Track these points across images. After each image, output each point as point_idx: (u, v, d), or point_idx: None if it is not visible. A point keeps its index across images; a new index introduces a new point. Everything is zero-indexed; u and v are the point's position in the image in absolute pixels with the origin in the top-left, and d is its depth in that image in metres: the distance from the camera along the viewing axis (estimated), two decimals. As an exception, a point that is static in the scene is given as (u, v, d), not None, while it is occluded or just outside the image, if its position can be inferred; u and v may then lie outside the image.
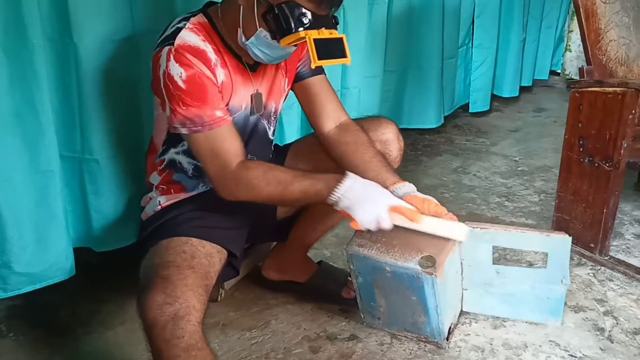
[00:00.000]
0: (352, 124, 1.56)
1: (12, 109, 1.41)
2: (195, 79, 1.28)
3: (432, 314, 1.47)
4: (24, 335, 1.62)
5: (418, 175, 2.67)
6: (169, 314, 1.15)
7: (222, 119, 1.32)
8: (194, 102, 1.29)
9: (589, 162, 1.90)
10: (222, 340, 1.59)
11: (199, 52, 1.30)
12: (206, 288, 1.27)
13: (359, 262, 1.51)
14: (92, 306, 1.72)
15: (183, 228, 1.37)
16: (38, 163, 1.49)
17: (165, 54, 1.28)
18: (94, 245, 1.75)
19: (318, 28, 1.24)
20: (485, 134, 3.27)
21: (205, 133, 1.31)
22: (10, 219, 1.47)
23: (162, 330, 1.14)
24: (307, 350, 1.55)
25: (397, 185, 1.43)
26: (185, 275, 1.24)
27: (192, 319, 1.17)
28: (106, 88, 1.61)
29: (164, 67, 1.28)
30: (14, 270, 1.52)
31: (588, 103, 1.86)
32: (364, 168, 1.46)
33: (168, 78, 1.28)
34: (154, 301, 1.16)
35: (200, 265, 1.30)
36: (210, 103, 1.31)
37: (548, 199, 2.41)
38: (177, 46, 1.28)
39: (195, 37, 1.31)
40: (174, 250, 1.31)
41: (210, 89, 1.31)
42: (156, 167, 1.50)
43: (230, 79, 1.37)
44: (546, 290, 1.58)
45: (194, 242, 1.35)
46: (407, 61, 2.81)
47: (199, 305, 1.20)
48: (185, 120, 1.30)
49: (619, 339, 1.59)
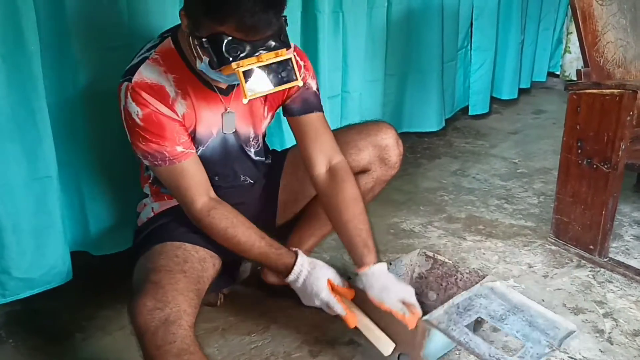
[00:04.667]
0: (341, 170, 1.49)
1: (10, 115, 1.42)
2: (151, 117, 1.28)
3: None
4: (23, 341, 1.62)
5: (417, 178, 2.67)
6: (159, 319, 1.15)
7: (183, 153, 1.32)
8: (153, 138, 1.29)
9: (587, 164, 1.90)
10: (221, 344, 1.59)
11: (156, 89, 1.29)
12: (198, 292, 1.27)
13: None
14: (91, 311, 1.72)
15: (176, 233, 1.38)
16: (36, 169, 1.49)
17: (124, 90, 1.28)
18: (92, 249, 1.76)
19: (256, 54, 1.17)
20: (485, 137, 3.27)
21: (166, 167, 1.31)
22: (8, 224, 1.47)
23: (153, 336, 1.14)
24: (306, 354, 1.55)
25: (360, 272, 1.41)
26: (176, 279, 1.23)
27: (184, 323, 1.17)
28: (103, 94, 1.61)
29: (124, 103, 1.29)
30: (12, 275, 1.52)
31: (586, 105, 1.87)
32: (340, 231, 1.48)
33: (127, 114, 1.29)
34: (144, 306, 1.16)
35: (192, 269, 1.30)
36: (170, 139, 1.30)
37: (547, 201, 2.41)
38: (134, 83, 1.27)
39: (156, 70, 1.30)
40: (166, 255, 1.31)
41: (169, 125, 1.30)
42: (146, 179, 1.51)
43: (192, 109, 1.35)
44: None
45: (187, 247, 1.35)
46: (407, 64, 2.81)
47: (190, 309, 1.20)
48: (146, 154, 1.30)
49: (618, 341, 1.59)
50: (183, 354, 1.14)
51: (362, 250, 1.42)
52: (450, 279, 1.62)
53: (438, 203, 2.44)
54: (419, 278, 1.69)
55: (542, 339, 1.32)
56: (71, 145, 1.62)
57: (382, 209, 2.28)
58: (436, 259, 1.65)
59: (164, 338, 1.14)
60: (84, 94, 1.59)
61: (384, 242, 2.08)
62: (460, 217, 2.31)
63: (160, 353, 1.13)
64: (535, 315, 1.41)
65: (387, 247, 2.06)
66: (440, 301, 1.61)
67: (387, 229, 2.20)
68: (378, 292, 1.38)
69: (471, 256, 2.02)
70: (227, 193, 1.44)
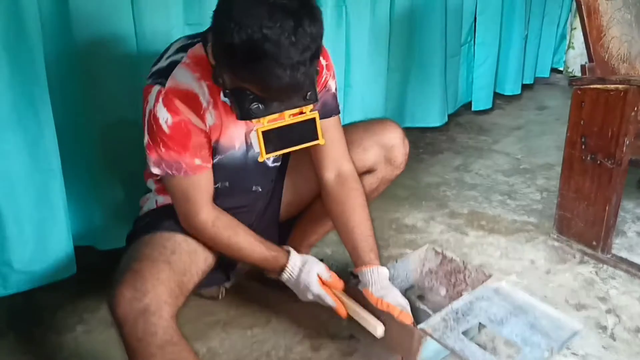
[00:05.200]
0: (350, 178, 1.49)
1: (12, 107, 1.41)
2: (180, 126, 1.24)
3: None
4: (25, 333, 1.62)
5: (420, 174, 2.67)
6: (138, 309, 1.12)
7: (200, 167, 1.30)
8: (175, 147, 1.25)
9: (591, 160, 1.89)
10: (222, 338, 1.59)
11: (191, 97, 1.25)
12: (181, 284, 1.24)
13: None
14: (93, 304, 1.72)
15: (169, 223, 1.36)
16: (38, 161, 1.48)
17: (154, 94, 1.23)
18: (97, 244, 1.75)
19: (279, 110, 1.16)
20: (487, 132, 3.26)
21: (179, 177, 1.29)
22: (10, 217, 1.47)
23: (133, 327, 1.11)
24: (307, 349, 1.55)
25: (365, 269, 1.42)
26: (159, 269, 1.21)
27: (164, 314, 1.14)
28: (107, 86, 1.60)
29: (151, 107, 1.24)
30: (14, 268, 1.52)
31: (590, 100, 1.85)
32: (345, 237, 1.49)
33: (153, 119, 1.24)
34: (122, 296, 1.13)
35: (179, 261, 1.28)
36: (192, 150, 1.27)
37: (550, 197, 2.40)
38: (167, 89, 1.22)
39: (190, 76, 1.25)
40: (152, 245, 1.29)
41: (195, 137, 1.27)
42: (152, 175, 1.48)
43: (220, 119, 1.31)
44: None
45: (178, 238, 1.33)
46: (410, 59, 2.79)
47: (171, 300, 1.17)
48: (161, 161, 1.27)
49: (621, 337, 1.58)
50: (167, 345, 1.12)
51: (369, 254, 1.44)
52: (459, 275, 1.62)
53: (440, 198, 2.44)
54: (429, 273, 1.69)
55: (543, 343, 1.31)
56: (75, 138, 1.61)
57: (384, 204, 2.27)
58: (445, 255, 1.65)
59: (145, 329, 1.11)
60: (88, 87, 1.59)
61: (386, 237, 2.08)
62: (462, 213, 2.30)
63: (142, 345, 1.11)
64: (540, 316, 1.40)
65: (389, 242, 2.06)
66: (450, 297, 1.62)
67: (389, 224, 2.20)
68: (379, 288, 1.40)
69: (473, 252, 2.02)
70: (234, 197, 1.43)
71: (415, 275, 1.69)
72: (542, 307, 1.42)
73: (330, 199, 1.50)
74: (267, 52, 1.03)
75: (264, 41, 1.02)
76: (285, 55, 1.03)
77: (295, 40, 1.03)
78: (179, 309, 1.20)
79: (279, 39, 1.02)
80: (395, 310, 1.35)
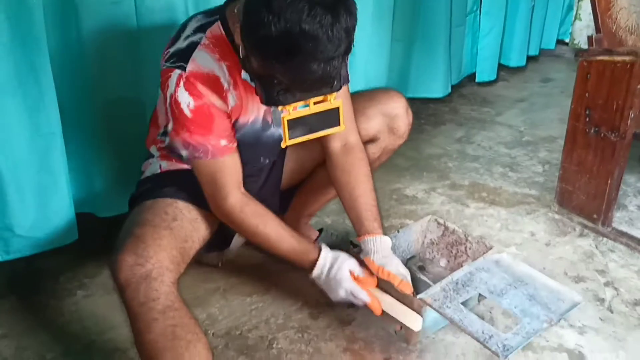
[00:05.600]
0: (356, 148, 1.49)
1: (13, 70, 1.40)
2: (203, 109, 1.23)
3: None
4: (26, 297, 1.64)
5: (421, 145, 2.65)
6: (140, 275, 1.13)
7: (226, 148, 1.29)
8: (199, 130, 1.25)
9: (594, 133, 1.87)
10: (222, 305, 1.60)
11: (212, 80, 1.24)
12: (183, 251, 1.25)
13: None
14: (93, 270, 1.73)
15: (172, 190, 1.36)
16: (39, 125, 1.48)
17: (175, 78, 1.21)
18: (97, 211, 1.76)
19: (304, 99, 1.15)
20: (491, 104, 3.23)
21: (207, 160, 1.28)
22: (11, 182, 1.46)
23: (135, 292, 1.12)
24: (307, 316, 1.56)
25: (367, 237, 1.43)
26: (161, 235, 1.21)
27: (166, 279, 1.15)
28: (107, 50, 1.58)
29: (172, 91, 1.22)
30: (15, 233, 1.52)
31: (596, 72, 1.83)
32: (349, 205, 1.48)
33: (175, 103, 1.22)
34: (125, 261, 1.14)
35: (180, 228, 1.28)
36: (216, 132, 1.26)
37: (552, 170, 2.39)
38: (189, 73, 1.21)
39: (210, 58, 1.24)
40: (154, 211, 1.29)
41: (218, 118, 1.26)
42: (157, 142, 1.47)
43: (241, 99, 1.31)
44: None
45: (180, 205, 1.33)
46: (414, 29, 2.75)
47: (172, 266, 1.18)
48: (187, 145, 1.26)
49: (618, 310, 1.59)
50: (168, 310, 1.13)
51: (373, 223, 1.44)
52: (460, 247, 1.62)
53: (442, 170, 2.43)
54: (430, 244, 1.69)
55: (542, 314, 1.32)
56: (75, 103, 1.60)
57: (385, 174, 2.26)
58: (447, 227, 1.65)
59: (147, 294, 1.12)
60: (89, 51, 1.57)
61: (386, 207, 2.08)
62: (463, 184, 2.30)
63: (144, 310, 1.12)
64: (540, 287, 1.40)
65: (389, 212, 2.06)
66: (450, 268, 1.63)
67: (390, 194, 2.19)
68: (381, 257, 1.41)
69: (474, 223, 2.02)
70: (243, 169, 1.41)
71: (416, 246, 1.70)
72: (543, 279, 1.43)
73: (335, 168, 1.49)
74: (304, 47, 1.01)
75: (302, 36, 1.01)
76: (322, 50, 1.02)
77: (331, 36, 1.02)
78: (180, 275, 1.21)
79: (317, 34, 1.01)
80: (395, 279, 1.36)
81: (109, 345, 1.46)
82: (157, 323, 1.12)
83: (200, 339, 1.16)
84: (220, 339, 1.47)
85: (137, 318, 1.13)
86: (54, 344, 1.47)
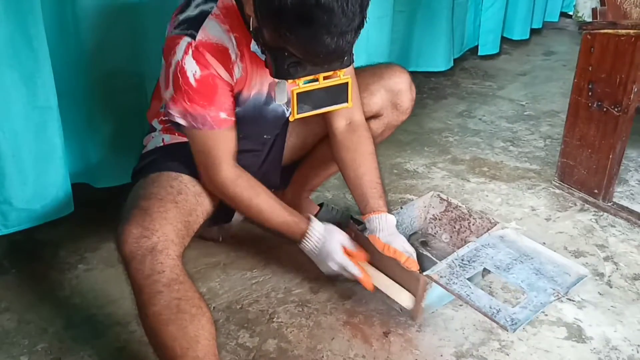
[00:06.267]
0: (361, 127, 1.48)
1: (8, 42, 1.37)
2: (208, 80, 1.22)
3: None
4: (26, 271, 1.64)
5: (422, 119, 2.64)
6: (146, 247, 1.13)
7: (225, 120, 1.28)
8: (201, 100, 1.23)
9: (597, 107, 1.86)
10: (222, 279, 1.60)
11: (221, 50, 1.23)
12: (188, 225, 1.25)
13: None
14: (94, 244, 1.73)
15: (176, 163, 1.35)
16: (35, 98, 1.46)
17: (183, 46, 1.20)
18: (93, 181, 1.75)
19: (315, 73, 1.14)
20: (493, 78, 3.21)
21: (204, 131, 1.27)
22: (8, 154, 1.45)
23: (140, 264, 1.12)
24: (307, 291, 1.56)
25: (372, 215, 1.42)
26: (166, 208, 1.21)
27: (171, 252, 1.15)
28: (105, 21, 1.56)
29: (179, 58, 1.20)
30: (14, 206, 1.52)
31: (600, 46, 1.81)
32: (353, 183, 1.48)
33: (180, 71, 1.21)
34: (130, 234, 1.14)
35: (185, 201, 1.28)
36: (217, 104, 1.25)
37: (553, 144, 2.38)
38: (199, 42, 1.20)
39: (220, 28, 1.23)
40: (159, 184, 1.29)
41: (221, 90, 1.25)
42: (159, 115, 1.46)
43: (246, 72, 1.30)
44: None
45: (185, 179, 1.33)
46: (416, 1, 2.72)
47: (177, 239, 1.18)
48: (186, 114, 1.25)
49: (618, 284, 1.60)
50: (173, 283, 1.13)
51: (378, 201, 1.44)
52: (464, 222, 1.62)
53: (443, 144, 2.42)
54: (433, 219, 1.69)
55: (549, 287, 1.32)
56: (72, 75, 1.58)
57: (386, 148, 2.25)
58: (450, 202, 1.65)
59: (152, 267, 1.12)
60: (84, 19, 1.55)
61: (387, 182, 2.07)
62: (464, 159, 2.29)
63: (149, 282, 1.12)
64: (545, 261, 1.40)
65: (390, 187, 2.05)
66: (453, 243, 1.63)
67: (390, 168, 2.19)
68: (387, 235, 1.41)
69: (474, 198, 2.01)
70: (246, 144, 1.41)
71: (419, 222, 1.70)
72: (548, 253, 1.43)
73: (340, 147, 1.49)
74: (318, 19, 1.00)
75: (317, 8, 0.99)
76: (336, 24, 1.01)
77: (346, 9, 1.01)
78: (184, 248, 1.21)
79: (332, 7, 0.99)
80: (402, 257, 1.36)
81: (110, 318, 1.47)
82: (162, 296, 1.12)
83: (204, 313, 1.16)
84: (221, 313, 1.48)
85: (141, 290, 1.13)
86: (55, 317, 1.48)
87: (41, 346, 1.39)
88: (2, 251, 1.70)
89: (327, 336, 1.42)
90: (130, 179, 1.49)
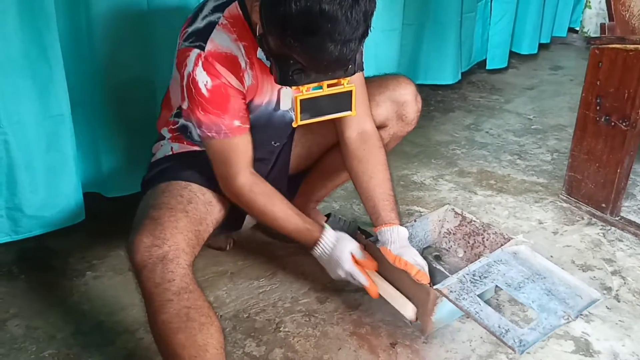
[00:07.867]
0: (373, 137, 1.48)
1: (22, 51, 1.40)
2: (220, 89, 1.24)
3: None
4: (35, 277, 1.65)
5: (430, 131, 2.65)
6: (157, 256, 1.14)
7: (239, 128, 1.29)
8: (215, 110, 1.25)
9: (605, 121, 1.86)
10: (230, 288, 1.61)
11: (230, 59, 1.24)
12: (198, 234, 1.26)
13: None
14: (103, 251, 1.74)
15: (186, 173, 1.36)
16: (48, 107, 1.48)
17: (193, 58, 1.22)
18: (104, 191, 1.76)
19: (319, 80, 1.15)
20: (500, 91, 3.22)
21: (219, 139, 1.29)
22: (21, 162, 1.47)
23: (151, 273, 1.13)
24: (314, 301, 1.57)
25: (384, 228, 1.43)
26: (177, 217, 1.22)
27: (182, 261, 1.16)
28: (117, 31, 1.58)
29: (190, 70, 1.23)
30: (25, 213, 1.54)
31: (608, 60, 1.82)
32: (365, 195, 1.48)
33: (192, 82, 1.23)
34: (142, 243, 1.15)
35: (195, 210, 1.29)
36: (231, 112, 1.27)
37: (561, 158, 2.38)
38: (208, 53, 1.22)
39: (227, 38, 1.24)
40: (170, 193, 1.30)
41: (234, 99, 1.27)
42: (169, 124, 1.47)
43: (256, 80, 1.31)
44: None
45: (194, 187, 1.34)
46: (425, 14, 2.74)
47: (188, 248, 1.20)
48: (201, 124, 1.27)
49: (625, 299, 1.59)
50: (183, 292, 1.14)
51: (390, 214, 1.45)
52: (478, 237, 1.61)
53: (450, 157, 2.42)
54: (447, 234, 1.69)
55: (559, 309, 1.30)
56: (85, 85, 1.60)
57: (393, 160, 2.24)
58: (464, 217, 1.64)
59: (163, 276, 1.13)
60: (98, 30, 1.57)
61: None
62: (471, 172, 2.29)
63: (160, 291, 1.13)
64: (558, 282, 1.39)
65: (397, 198, 2.05)
66: (467, 259, 1.62)
67: (397, 180, 2.19)
68: (399, 247, 1.41)
69: (481, 210, 2.01)
70: (254, 151, 1.41)
71: (433, 236, 1.69)
72: (561, 274, 1.41)
73: (352, 157, 1.49)
74: (322, 28, 1.01)
75: (321, 16, 1.00)
76: (340, 32, 1.02)
77: (350, 18, 1.02)
78: (195, 257, 1.23)
79: (336, 15, 1.01)
80: (412, 269, 1.36)
81: (118, 326, 1.48)
82: (172, 304, 1.13)
83: (213, 322, 1.17)
84: (228, 322, 1.48)
85: (151, 299, 1.14)
86: (63, 324, 1.48)
87: (49, 352, 1.40)
88: (11, 258, 1.72)
89: (333, 346, 1.42)
90: (138, 189, 1.51)
